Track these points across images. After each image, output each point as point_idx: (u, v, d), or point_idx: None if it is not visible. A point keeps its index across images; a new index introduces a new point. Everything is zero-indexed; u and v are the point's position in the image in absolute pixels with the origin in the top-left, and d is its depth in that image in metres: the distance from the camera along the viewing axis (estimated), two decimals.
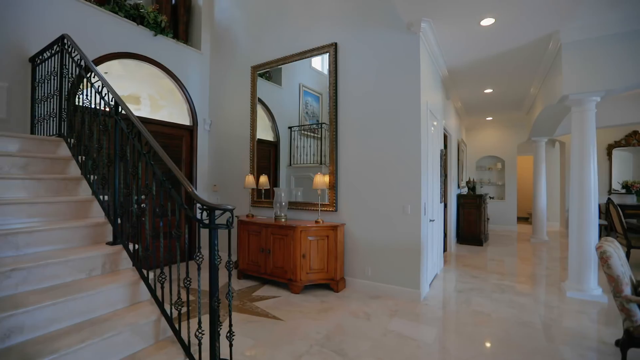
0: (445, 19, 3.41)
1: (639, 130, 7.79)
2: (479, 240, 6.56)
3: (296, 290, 3.71)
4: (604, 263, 2.17)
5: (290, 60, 4.44)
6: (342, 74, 4.01)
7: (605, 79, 3.47)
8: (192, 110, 5.27)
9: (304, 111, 4.46)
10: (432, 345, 2.57)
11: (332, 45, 4.05)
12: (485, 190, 8.94)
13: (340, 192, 4.01)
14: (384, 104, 3.71)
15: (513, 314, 3.19)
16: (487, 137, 8.89)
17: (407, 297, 3.52)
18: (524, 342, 2.64)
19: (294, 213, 4.34)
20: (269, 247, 3.94)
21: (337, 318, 3.07)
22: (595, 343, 2.64)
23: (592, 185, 3.60)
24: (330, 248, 3.78)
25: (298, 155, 4.47)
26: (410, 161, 3.53)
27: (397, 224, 3.60)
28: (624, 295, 2.09)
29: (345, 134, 3.98)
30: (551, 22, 3.43)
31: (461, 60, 4.48)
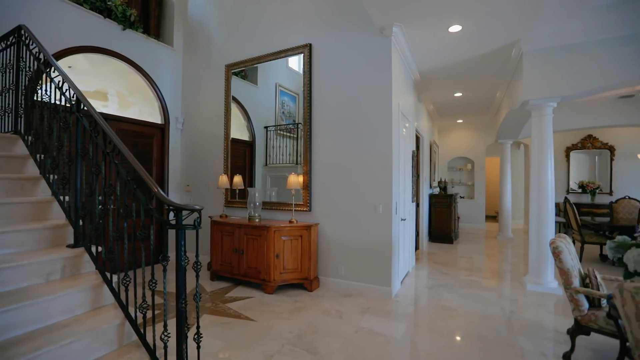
0: (415, 25, 3.52)
1: (593, 134, 8.38)
2: (449, 238, 6.81)
3: (270, 290, 3.70)
4: (556, 257, 2.32)
5: (265, 59, 4.42)
6: (317, 75, 4.04)
7: (560, 86, 3.72)
8: (164, 108, 5.12)
9: (281, 111, 4.45)
10: (400, 341, 2.66)
11: (306, 45, 4.07)
12: (456, 190, 9.29)
13: (314, 192, 4.04)
14: (357, 105, 3.78)
15: (478, 308, 3.35)
16: (458, 139, 9.24)
17: (379, 295, 3.60)
18: (487, 334, 2.78)
19: (269, 213, 4.32)
20: (243, 248, 3.91)
21: (310, 317, 3.09)
22: (550, 332, 2.82)
23: (550, 185, 3.84)
24: (304, 248, 3.80)
25: (274, 155, 4.45)
26: (382, 161, 3.62)
27: (369, 223, 3.67)
28: (573, 287, 2.25)
29: (319, 134, 4.02)
30: (513, 31, 3.63)
31: (432, 64, 4.63)
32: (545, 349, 2.54)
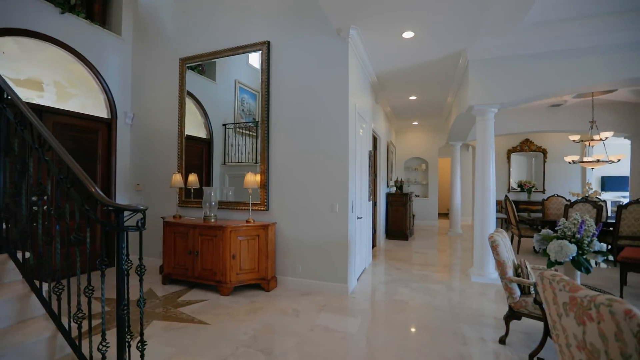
0: (371, 29, 3.63)
1: (529, 138, 9.25)
2: (405, 235, 7.12)
3: (226, 292, 3.61)
4: (494, 250, 2.54)
5: (222, 55, 4.29)
6: (275, 73, 4.01)
7: (500, 93, 4.06)
8: (111, 102, 4.77)
9: (240, 108, 4.35)
10: (355, 336, 2.73)
11: (264, 43, 4.02)
12: (412, 189, 9.73)
13: (271, 191, 4.01)
14: (315, 105, 3.81)
15: (427, 300, 3.55)
16: (414, 140, 9.68)
17: (336, 292, 3.67)
18: (434, 324, 2.96)
19: (225, 213, 4.21)
20: (197, 249, 3.77)
21: (266, 317, 3.07)
22: (490, 319, 3.07)
23: (491, 184, 4.18)
24: (261, 247, 3.75)
25: (233, 154, 4.34)
26: (339, 161, 3.69)
27: (326, 222, 3.73)
28: (507, 276, 2.47)
29: (277, 133, 3.99)
30: (459, 41, 3.88)
31: (388, 67, 4.81)
32: (485, 334, 2.76)
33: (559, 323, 1.43)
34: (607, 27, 3.54)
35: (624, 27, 3.52)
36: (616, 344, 1.13)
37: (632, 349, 1.08)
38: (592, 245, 1.93)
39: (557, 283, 1.39)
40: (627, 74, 3.66)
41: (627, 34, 3.57)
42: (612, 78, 3.72)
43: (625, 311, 1.08)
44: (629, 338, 1.08)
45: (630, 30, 3.54)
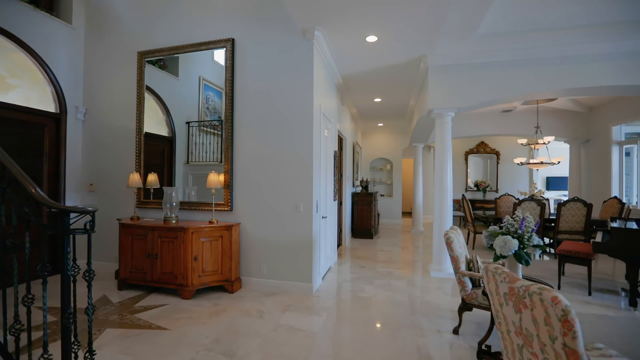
0: (336, 31, 3.69)
1: (484, 141, 9.88)
2: (370, 234, 7.31)
3: (187, 295, 3.50)
4: (448, 246, 2.69)
5: (184, 50, 4.15)
6: (239, 71, 3.95)
7: (457, 98, 4.30)
8: (60, 95, 4.42)
9: (205, 106, 4.23)
10: (318, 334, 2.77)
11: (229, 40, 3.95)
12: (377, 188, 10.01)
13: (235, 191, 3.94)
14: (279, 105, 3.81)
15: (389, 296, 3.68)
16: (379, 141, 9.96)
17: (301, 291, 3.69)
18: (395, 319, 3.08)
19: (188, 214, 4.08)
20: (157, 252, 3.61)
21: (230, 319, 3.02)
22: (446, 312, 3.25)
23: (449, 183, 4.42)
24: (224, 248, 3.68)
25: (197, 153, 4.21)
26: (303, 161, 3.72)
27: (290, 222, 3.74)
28: (460, 271, 2.64)
29: (242, 132, 3.94)
30: (420, 47, 4.07)
31: (353, 69, 4.91)
32: (441, 326, 2.92)
33: (500, 312, 1.56)
34: (546, 41, 3.89)
35: (561, 43, 3.89)
36: (545, 328, 1.26)
37: (557, 332, 1.21)
38: (532, 240, 2.12)
39: (499, 275, 1.52)
40: (564, 84, 4.05)
41: (563, 48, 3.95)
42: (552, 87, 4.10)
43: (552, 298, 1.21)
44: (555, 322, 1.21)
45: (566, 46, 3.92)
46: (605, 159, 6.73)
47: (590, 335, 2.74)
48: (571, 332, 1.17)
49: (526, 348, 1.41)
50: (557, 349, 1.23)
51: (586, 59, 3.96)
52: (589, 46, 3.90)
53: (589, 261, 3.78)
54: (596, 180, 7.02)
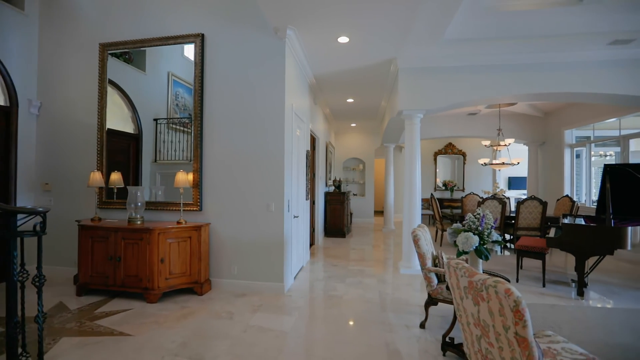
0: (308, 31, 3.70)
1: (452, 142, 10.31)
2: (342, 233, 7.39)
3: (153, 299, 3.36)
4: (415, 244, 2.78)
5: (150, 44, 3.98)
6: (209, 68, 3.86)
7: (425, 100, 4.46)
8: (9, 87, 4.09)
9: (174, 103, 4.08)
10: (289, 333, 2.77)
11: (198, 35, 3.84)
12: (350, 188, 10.14)
13: (205, 190, 3.85)
14: (250, 103, 3.76)
15: (360, 294, 3.74)
16: (352, 141, 10.09)
17: (272, 291, 3.67)
18: (365, 316, 3.14)
19: (155, 214, 3.92)
20: (120, 254, 3.44)
21: (198, 322, 2.94)
22: (414, 307, 3.36)
23: (417, 183, 4.56)
24: (193, 250, 3.58)
25: (166, 151, 4.05)
26: (275, 160, 3.69)
27: (262, 221, 3.70)
28: (427, 267, 2.74)
29: (212, 130, 3.85)
30: (390, 49, 4.17)
31: (326, 70, 4.94)
32: (409, 321, 3.01)
33: (461, 305, 1.64)
34: (508, 49, 4.13)
35: (522, 51, 4.15)
36: (500, 318, 1.34)
37: (510, 322, 1.29)
38: (491, 236, 2.25)
39: (459, 270, 1.59)
40: (523, 89, 4.33)
41: (525, 56, 4.21)
42: (514, 92, 4.36)
43: (505, 290, 1.29)
44: (508, 312, 1.29)
45: (527, 54, 4.18)
46: (558, 160, 7.24)
47: (543, 323, 2.94)
48: (522, 322, 1.26)
49: (484, 338, 1.49)
50: (510, 338, 1.31)
51: (545, 67, 4.25)
52: (548, 55, 4.18)
53: (544, 255, 4.06)
54: (551, 180, 7.54)
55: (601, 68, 4.19)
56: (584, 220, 4.22)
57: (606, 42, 3.94)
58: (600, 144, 6.73)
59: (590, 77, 4.21)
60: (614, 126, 6.18)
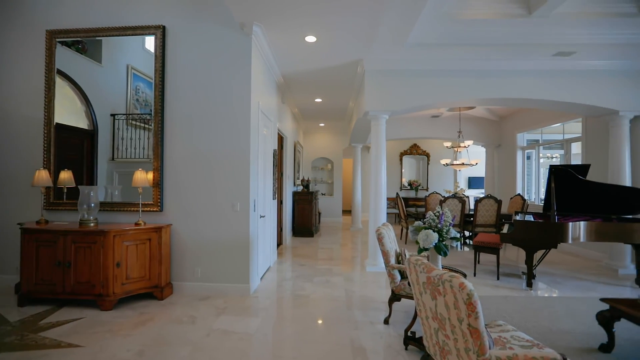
0: (275, 29, 3.65)
1: (417, 143, 10.70)
2: (311, 232, 7.40)
3: (108, 306, 3.16)
4: (380, 242, 2.85)
5: (106, 33, 3.73)
6: (172, 62, 3.69)
7: (390, 102, 4.58)
8: None
9: (134, 98, 3.84)
10: (254, 335, 2.72)
11: (159, 27, 3.66)
12: (319, 187, 10.19)
13: (166, 190, 3.68)
14: (215, 100, 3.65)
15: (327, 293, 3.77)
16: (320, 141, 10.14)
17: (238, 293, 3.59)
18: (332, 314, 3.16)
19: (111, 215, 3.69)
20: (70, 260, 3.19)
21: (157, 328, 2.80)
22: (379, 304, 3.44)
23: (383, 182, 4.68)
24: (153, 252, 3.41)
25: (124, 149, 3.81)
26: (240, 159, 3.61)
27: (226, 222, 3.61)
28: (390, 264, 2.82)
29: (174, 127, 3.68)
30: (357, 51, 4.23)
31: (294, 69, 4.92)
32: (373, 318, 3.08)
33: (420, 300, 1.70)
34: (464, 55, 4.36)
35: (482, 58, 4.40)
36: (454, 311, 1.41)
37: (463, 314, 1.36)
38: (449, 233, 2.36)
39: (418, 266, 1.65)
40: (479, 94, 4.59)
41: (479, 62, 4.46)
42: (470, 96, 4.61)
43: (459, 284, 1.36)
44: (462, 305, 1.36)
45: (486, 61, 4.44)
46: (511, 161, 7.77)
47: (497, 314, 3.14)
48: (474, 313, 1.33)
49: (441, 331, 1.56)
50: (464, 329, 1.38)
51: (499, 74, 4.54)
52: (501, 62, 4.46)
53: (498, 250, 4.33)
54: (505, 180, 8.07)
55: (546, 77, 4.55)
56: (533, 217, 4.56)
57: (551, 54, 4.29)
58: (547, 146, 7.31)
59: (536, 85, 4.56)
60: (559, 131, 6.74)
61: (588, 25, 3.76)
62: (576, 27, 3.81)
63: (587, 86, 4.56)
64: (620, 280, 4.37)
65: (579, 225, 3.83)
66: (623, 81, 4.56)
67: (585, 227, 3.85)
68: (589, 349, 2.50)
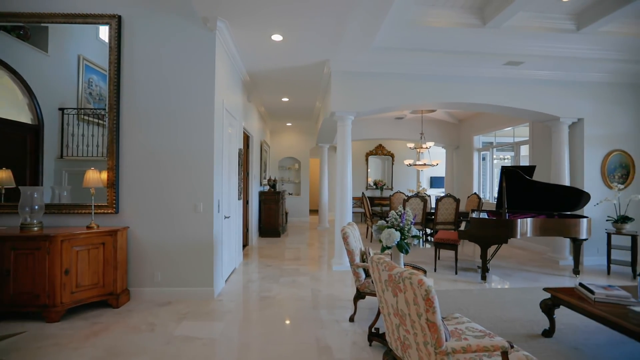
0: (241, 25, 3.57)
1: (382, 144, 11.01)
2: (278, 232, 7.34)
3: (55, 317, 2.91)
4: (345, 241, 2.90)
5: (52, 20, 3.42)
6: (129, 55, 3.48)
7: (356, 103, 4.67)
8: None
9: (87, 91, 3.57)
10: (218, 340, 2.65)
11: (114, 16, 3.43)
12: (286, 187, 10.13)
13: (122, 190, 3.46)
14: (177, 96, 3.50)
15: (293, 293, 3.76)
16: (287, 140, 10.08)
17: (201, 297, 3.47)
18: (298, 314, 3.16)
19: (58, 219, 3.40)
20: (9, 268, 2.90)
21: (112, 338, 2.63)
22: (345, 302, 3.49)
23: (348, 182, 4.76)
24: (107, 257, 3.19)
25: (75, 146, 3.52)
26: (203, 158, 3.50)
27: (189, 223, 3.48)
28: (355, 263, 2.88)
29: (132, 124, 3.48)
30: (323, 52, 4.26)
31: (260, 67, 4.84)
32: (339, 316, 3.12)
33: (383, 297, 1.76)
34: (426, 61, 4.56)
35: (437, 63, 4.62)
36: (414, 307, 1.47)
37: (422, 309, 1.42)
38: (410, 231, 2.45)
39: (381, 264, 1.70)
40: (439, 98, 4.83)
41: (439, 68, 4.69)
42: (431, 100, 4.84)
43: (418, 281, 1.42)
44: (420, 301, 1.42)
45: (441, 66, 4.66)
46: (469, 162, 8.26)
47: (454, 307, 3.32)
48: (432, 308, 1.40)
49: (402, 326, 1.62)
50: (422, 324, 1.45)
51: (456, 79, 4.80)
52: (458, 69, 4.72)
53: (456, 246, 4.58)
54: (463, 179, 8.56)
55: (499, 84, 4.90)
56: (487, 214, 4.88)
57: (502, 63, 4.62)
58: (500, 148, 7.86)
59: (491, 91, 4.89)
60: (510, 134, 7.27)
61: (534, 38, 4.09)
62: (524, 39, 4.14)
63: (533, 94, 4.96)
64: (561, 270, 4.82)
65: (526, 221, 4.16)
66: (564, 91, 5.03)
67: (531, 223, 4.19)
68: (533, 334, 2.72)
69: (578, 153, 5.19)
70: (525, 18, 3.89)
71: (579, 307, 2.36)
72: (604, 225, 4.99)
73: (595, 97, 5.10)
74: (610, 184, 5.09)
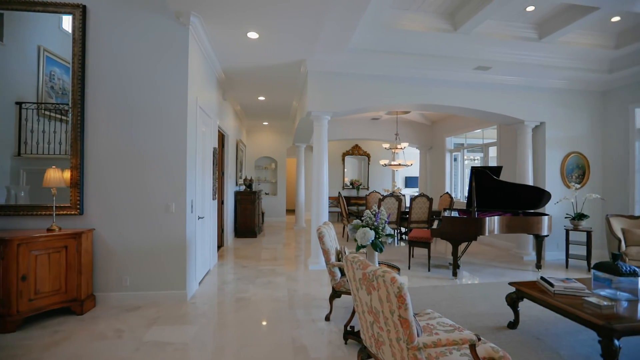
0: (215, 21, 3.49)
1: (358, 144, 11.15)
2: (254, 233, 7.25)
3: (11, 327, 2.71)
4: (320, 240, 2.91)
5: (7, 6, 3.20)
6: (95, 48, 3.31)
7: (332, 103, 4.70)
8: None
9: (48, 85, 3.34)
10: (190, 344, 2.57)
11: (78, 6, 3.25)
12: (262, 187, 10.02)
13: (88, 190, 3.28)
14: (148, 93, 3.36)
15: (269, 294, 3.72)
16: (264, 140, 9.97)
17: (173, 300, 3.36)
18: (273, 315, 3.14)
19: (15, 221, 3.17)
20: None
21: (75, 347, 2.49)
22: (321, 301, 3.50)
23: (325, 182, 4.78)
24: (70, 262, 3.02)
25: (35, 143, 3.29)
26: (176, 157, 3.39)
27: (160, 224, 3.35)
28: (331, 262, 2.89)
29: (98, 120, 3.31)
30: (300, 51, 4.25)
31: (235, 65, 4.75)
32: (315, 315, 3.13)
33: (357, 295, 1.78)
34: (400, 63, 4.67)
35: (411, 66, 4.74)
36: (387, 304, 1.50)
37: (395, 306, 1.45)
38: (385, 230, 2.50)
39: (355, 263, 1.72)
40: (412, 100, 4.96)
41: (413, 71, 4.82)
42: (405, 102, 4.95)
43: (391, 279, 1.45)
44: (393, 298, 1.45)
45: (414, 69, 4.79)
46: (441, 162, 8.54)
47: (427, 303, 3.42)
48: (404, 305, 1.43)
49: (375, 324, 1.64)
50: (395, 321, 1.48)
51: (429, 82, 4.95)
52: (431, 72, 4.87)
53: (429, 244, 4.73)
54: (436, 179, 8.84)
55: (469, 88, 5.10)
56: (458, 213, 5.07)
57: (472, 67, 4.81)
58: (470, 150, 8.18)
59: (461, 94, 5.08)
60: (480, 136, 7.59)
61: (501, 45, 4.30)
62: (492, 46, 4.33)
63: (501, 98, 5.21)
64: (525, 265, 5.09)
65: (493, 219, 4.36)
66: (527, 95, 5.32)
67: (498, 221, 4.40)
68: (499, 327, 2.86)
69: (540, 154, 5.50)
70: (493, 25, 4.08)
71: (540, 299, 2.50)
72: (562, 223, 5.33)
73: (555, 102, 5.43)
74: (569, 184, 5.44)
